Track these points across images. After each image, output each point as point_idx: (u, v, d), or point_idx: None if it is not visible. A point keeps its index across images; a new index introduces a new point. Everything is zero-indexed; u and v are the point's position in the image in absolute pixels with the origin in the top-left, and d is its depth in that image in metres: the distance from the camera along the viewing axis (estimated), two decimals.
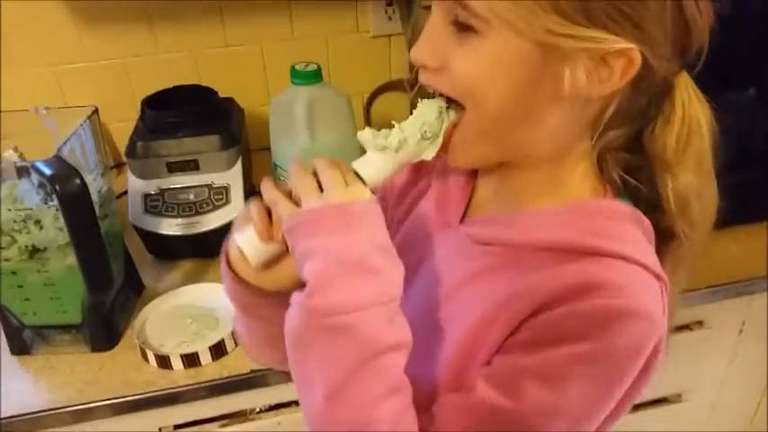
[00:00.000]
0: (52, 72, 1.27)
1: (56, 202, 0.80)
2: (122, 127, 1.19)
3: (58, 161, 0.80)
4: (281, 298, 0.54)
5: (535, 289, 0.51)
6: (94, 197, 0.88)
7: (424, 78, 0.53)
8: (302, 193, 0.51)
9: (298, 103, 1.05)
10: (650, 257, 0.52)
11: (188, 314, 0.94)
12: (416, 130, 0.53)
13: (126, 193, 1.08)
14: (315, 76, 1.06)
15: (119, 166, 1.32)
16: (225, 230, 1.02)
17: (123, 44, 1.27)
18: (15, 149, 0.88)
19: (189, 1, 1.25)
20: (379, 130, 0.54)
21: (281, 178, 1.13)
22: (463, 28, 0.49)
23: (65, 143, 0.84)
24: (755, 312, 1.08)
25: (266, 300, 0.59)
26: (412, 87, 1.27)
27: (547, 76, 0.48)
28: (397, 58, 1.36)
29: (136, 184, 1.06)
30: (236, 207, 1.05)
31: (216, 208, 1.05)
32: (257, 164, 1.21)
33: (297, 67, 1.06)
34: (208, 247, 1.06)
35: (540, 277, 0.51)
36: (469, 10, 0.47)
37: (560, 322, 0.49)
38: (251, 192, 1.15)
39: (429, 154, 0.54)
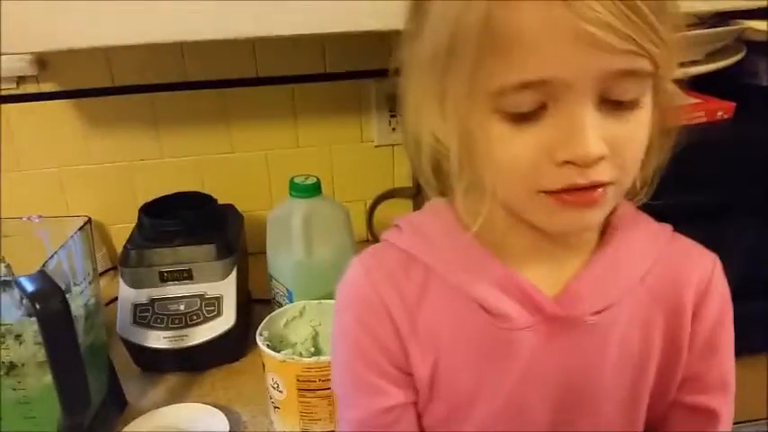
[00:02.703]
0: (55, 173, 1.28)
1: None
2: (124, 229, 1.18)
3: (42, 277, 0.78)
4: None
5: (678, 306, 0.58)
6: (81, 310, 0.86)
7: (593, 175, 0.47)
8: None
9: (295, 216, 1.03)
10: None
11: None
12: None
13: (116, 299, 1.06)
14: (313, 190, 1.05)
15: (116, 268, 1.30)
16: (213, 344, 1.01)
17: (128, 148, 1.28)
18: (2, 260, 0.87)
19: (196, 107, 1.27)
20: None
21: (275, 290, 1.10)
22: (617, 106, 0.47)
23: (51, 257, 0.83)
24: None
25: None
26: (413, 196, 1.27)
27: None
28: (400, 166, 1.37)
29: (126, 294, 1.03)
30: (227, 319, 1.02)
31: (206, 320, 1.02)
32: (256, 268, 1.19)
33: (296, 180, 1.06)
34: (195, 361, 1.03)
35: (670, 295, 0.58)
36: (633, 83, 0.47)
37: (712, 314, 0.58)
38: (246, 301, 1.13)
39: None
